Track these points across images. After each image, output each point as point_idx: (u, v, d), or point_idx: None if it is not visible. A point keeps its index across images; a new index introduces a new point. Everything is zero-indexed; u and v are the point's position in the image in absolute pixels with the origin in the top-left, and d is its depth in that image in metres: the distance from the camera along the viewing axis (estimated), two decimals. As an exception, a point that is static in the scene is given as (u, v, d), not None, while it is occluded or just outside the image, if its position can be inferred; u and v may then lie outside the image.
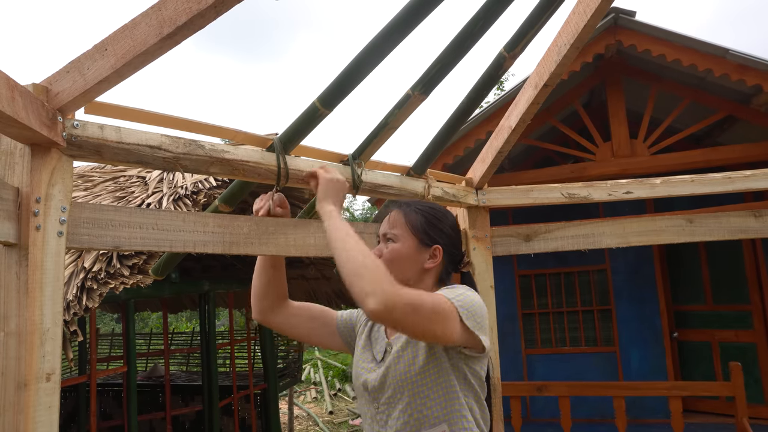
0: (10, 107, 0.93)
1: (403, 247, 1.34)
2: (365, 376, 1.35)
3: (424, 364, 1.24)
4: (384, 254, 1.34)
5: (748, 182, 2.08)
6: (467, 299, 1.21)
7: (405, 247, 1.34)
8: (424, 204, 1.42)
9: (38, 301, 1.03)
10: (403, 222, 1.36)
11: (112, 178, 4.04)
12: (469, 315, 1.18)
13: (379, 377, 1.30)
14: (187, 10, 0.97)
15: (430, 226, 1.36)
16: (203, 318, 5.36)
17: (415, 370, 1.24)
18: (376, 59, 1.40)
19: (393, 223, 1.37)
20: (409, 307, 1.08)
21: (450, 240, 1.38)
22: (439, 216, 1.39)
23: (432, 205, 1.42)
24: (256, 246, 1.48)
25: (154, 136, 1.24)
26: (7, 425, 0.99)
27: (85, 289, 2.64)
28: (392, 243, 1.35)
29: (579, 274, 6.25)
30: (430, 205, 1.42)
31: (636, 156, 4.84)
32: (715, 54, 4.28)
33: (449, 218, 1.41)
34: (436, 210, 1.40)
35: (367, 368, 1.36)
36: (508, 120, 1.97)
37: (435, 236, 1.35)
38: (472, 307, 1.20)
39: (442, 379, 1.23)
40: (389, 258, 1.33)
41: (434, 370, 1.23)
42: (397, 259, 1.33)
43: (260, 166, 1.44)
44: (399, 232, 1.35)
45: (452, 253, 1.39)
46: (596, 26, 1.57)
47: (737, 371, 3.18)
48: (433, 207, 1.42)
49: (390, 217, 1.38)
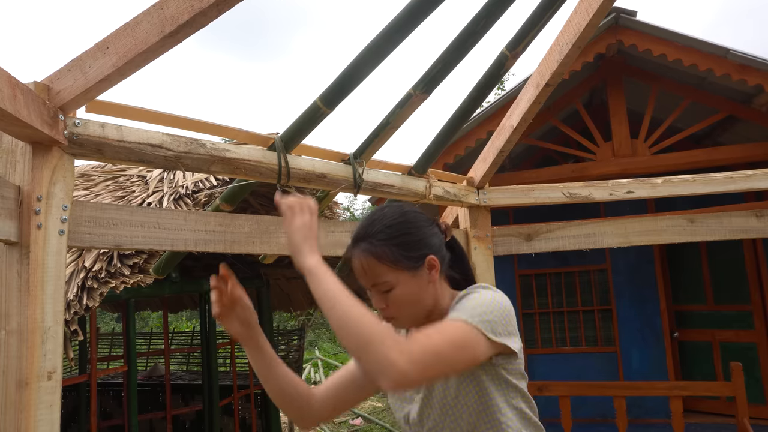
0: (12, 105, 0.93)
1: (403, 289, 1.15)
2: (407, 407, 1.25)
3: (458, 385, 1.15)
4: (391, 306, 1.16)
5: (750, 182, 2.08)
6: (487, 308, 1.09)
7: (405, 288, 1.15)
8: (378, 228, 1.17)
9: (39, 300, 1.03)
10: (379, 267, 1.14)
11: (112, 177, 4.04)
12: (494, 325, 1.07)
13: (418, 409, 1.21)
14: (189, 9, 0.97)
15: (405, 246, 1.15)
16: (203, 317, 5.35)
17: (451, 394, 1.15)
18: (377, 58, 1.39)
19: (371, 272, 1.16)
20: (428, 358, 0.96)
21: (428, 238, 1.19)
22: (402, 229, 1.17)
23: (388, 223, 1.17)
24: (257, 245, 1.48)
25: (155, 134, 1.24)
26: (8, 423, 0.99)
27: (86, 288, 2.64)
28: (389, 292, 1.15)
29: (579, 274, 6.24)
30: (385, 224, 1.17)
31: (637, 156, 4.84)
32: (716, 54, 4.27)
33: (408, 220, 1.19)
34: (392, 223, 1.17)
35: (407, 398, 1.26)
36: (510, 119, 1.97)
37: (418, 250, 1.16)
38: (493, 314, 1.09)
39: (482, 394, 1.14)
40: (399, 307, 1.16)
41: (471, 387, 1.14)
42: (407, 304, 1.16)
43: (261, 165, 1.44)
44: (387, 278, 1.14)
45: (438, 245, 1.21)
46: (598, 26, 1.57)
47: (738, 371, 3.17)
48: (390, 224, 1.17)
49: (363, 266, 1.16)
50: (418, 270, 1.16)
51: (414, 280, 1.15)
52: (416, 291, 1.16)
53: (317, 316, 13.15)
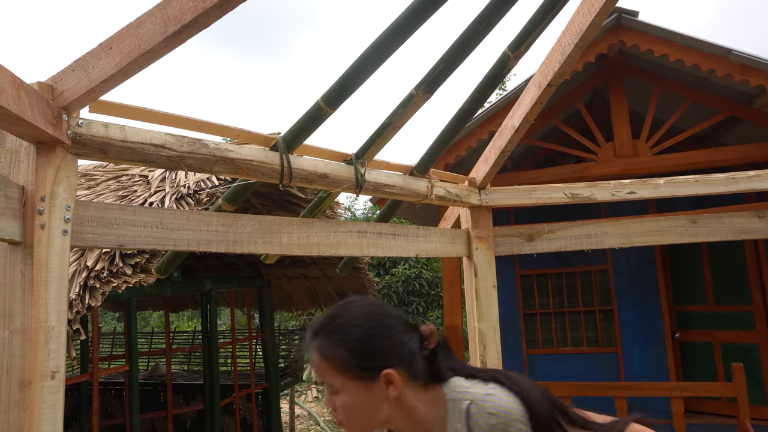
0: (16, 105, 0.93)
1: (351, 397, 1.03)
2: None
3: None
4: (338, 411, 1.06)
5: (752, 183, 2.08)
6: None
7: (353, 397, 1.03)
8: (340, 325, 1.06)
9: (43, 299, 1.03)
10: (330, 369, 1.04)
11: (114, 176, 4.04)
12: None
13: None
14: (192, 9, 0.97)
15: (360, 353, 1.03)
16: (205, 317, 5.36)
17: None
18: (380, 59, 1.40)
19: (321, 371, 1.06)
20: None
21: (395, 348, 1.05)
22: (365, 334, 1.04)
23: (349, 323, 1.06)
24: (260, 245, 1.49)
25: (158, 134, 1.25)
26: (11, 423, 0.99)
27: (88, 287, 2.65)
28: (336, 396, 1.05)
29: (581, 275, 6.24)
30: (348, 324, 1.06)
31: (638, 156, 4.83)
32: (718, 54, 4.27)
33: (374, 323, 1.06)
34: (357, 327, 1.05)
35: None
36: (512, 120, 1.97)
37: (376, 361, 1.03)
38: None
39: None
40: (347, 415, 1.05)
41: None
42: (355, 413, 1.05)
43: (264, 165, 1.44)
44: (334, 382, 1.04)
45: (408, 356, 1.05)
46: (600, 26, 1.57)
47: (739, 372, 3.17)
48: (352, 324, 1.06)
49: (314, 361, 1.07)
50: (371, 382, 1.03)
51: (364, 392, 1.03)
52: (364, 403, 1.04)
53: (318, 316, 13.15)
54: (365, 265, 5.81)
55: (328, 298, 6.29)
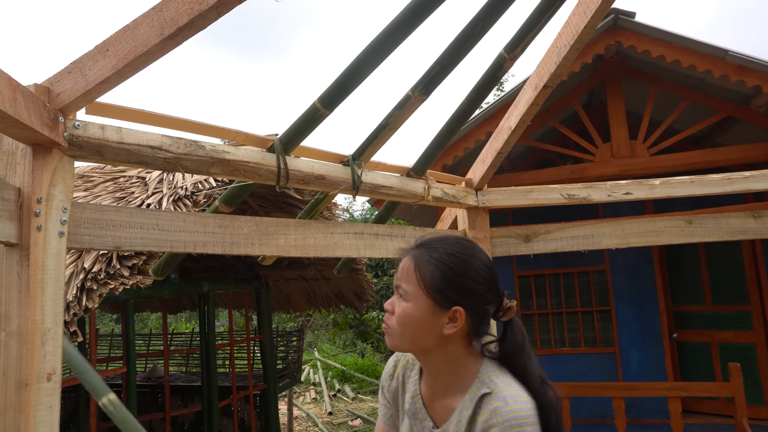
0: (12, 107, 0.93)
1: (415, 310, 1.10)
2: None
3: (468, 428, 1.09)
4: (395, 316, 1.13)
5: (748, 183, 2.09)
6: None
7: (417, 311, 1.10)
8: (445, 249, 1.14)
9: (39, 301, 1.03)
10: (414, 277, 1.11)
11: (111, 178, 4.04)
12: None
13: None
14: (189, 11, 0.97)
15: (449, 284, 1.10)
16: (203, 318, 5.35)
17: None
18: (376, 60, 1.40)
19: (404, 275, 1.13)
20: None
21: (477, 297, 1.12)
22: (462, 268, 1.11)
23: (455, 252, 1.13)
24: (257, 246, 1.49)
25: (155, 136, 1.25)
26: (8, 425, 0.99)
27: (85, 289, 2.64)
28: (403, 302, 1.12)
29: (578, 275, 6.25)
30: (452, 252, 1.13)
31: (635, 157, 4.85)
32: (715, 55, 4.28)
33: (475, 266, 1.13)
34: (458, 259, 1.12)
35: None
36: (508, 121, 1.98)
37: (455, 296, 1.10)
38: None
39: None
40: (400, 323, 1.12)
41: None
42: (408, 324, 1.11)
43: (260, 166, 1.44)
44: (411, 290, 1.11)
45: (481, 311, 1.13)
46: (596, 27, 1.57)
47: (737, 372, 3.18)
48: (456, 255, 1.13)
49: (404, 265, 1.14)
50: (440, 309, 1.10)
51: (428, 313, 1.10)
52: (422, 322, 1.10)
53: (316, 317, 13.15)
54: (363, 266, 5.81)
55: (326, 300, 6.28)
